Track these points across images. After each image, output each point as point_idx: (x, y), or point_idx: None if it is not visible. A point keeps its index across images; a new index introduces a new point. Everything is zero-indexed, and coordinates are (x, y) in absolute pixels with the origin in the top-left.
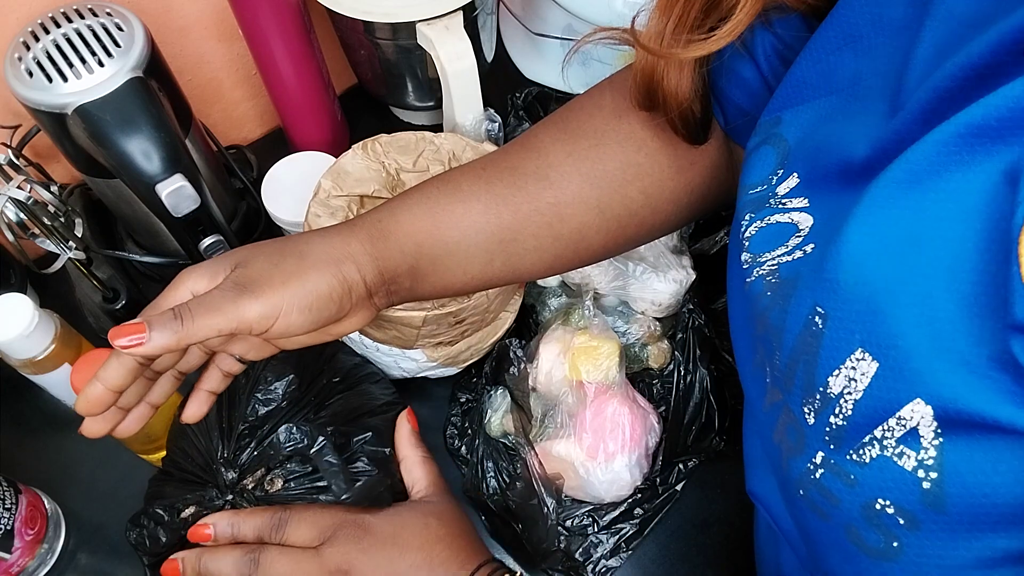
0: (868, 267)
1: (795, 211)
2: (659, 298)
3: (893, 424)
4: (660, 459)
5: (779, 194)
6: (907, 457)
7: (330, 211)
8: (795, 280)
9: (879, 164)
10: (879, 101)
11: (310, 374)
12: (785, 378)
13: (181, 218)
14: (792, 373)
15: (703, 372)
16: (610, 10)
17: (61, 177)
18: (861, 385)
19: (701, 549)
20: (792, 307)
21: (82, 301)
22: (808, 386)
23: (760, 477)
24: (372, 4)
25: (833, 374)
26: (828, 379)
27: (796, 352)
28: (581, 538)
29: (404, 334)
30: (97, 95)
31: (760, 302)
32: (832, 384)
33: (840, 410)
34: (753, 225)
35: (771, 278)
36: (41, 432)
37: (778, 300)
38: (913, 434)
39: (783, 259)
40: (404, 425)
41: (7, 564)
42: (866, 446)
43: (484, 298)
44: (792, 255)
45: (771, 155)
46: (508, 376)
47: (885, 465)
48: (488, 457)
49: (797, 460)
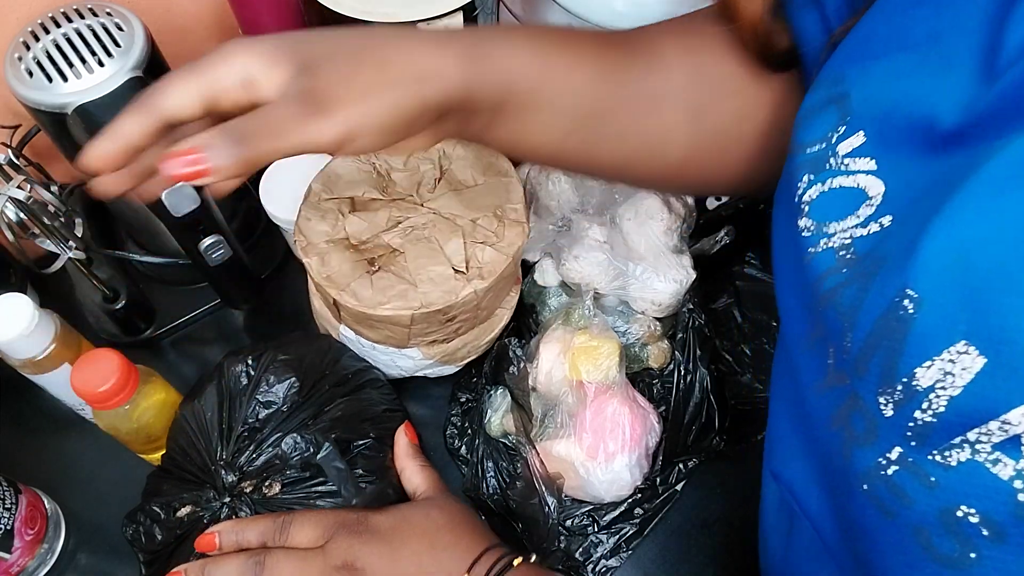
0: (981, 252)
1: (861, 174)
2: (659, 298)
3: (994, 428)
4: (660, 459)
5: (840, 153)
6: (1003, 465)
7: (320, 214)
8: (876, 257)
9: (974, 133)
10: (967, 60)
11: (312, 377)
12: (857, 363)
13: (181, 218)
14: (867, 359)
15: (703, 372)
16: (610, 10)
17: (61, 177)
18: (960, 381)
19: (701, 549)
20: (874, 287)
21: (82, 301)
22: (887, 375)
23: (787, 458)
24: (372, 4)
25: (923, 365)
26: (915, 370)
27: (874, 337)
28: (581, 538)
29: (396, 333)
30: (97, 95)
31: (830, 278)
32: (920, 376)
33: (929, 405)
34: (813, 188)
35: (845, 253)
36: (41, 432)
37: (855, 278)
38: (1015, 441)
39: (857, 232)
40: (402, 438)
41: (7, 564)
42: (955, 448)
43: (473, 295)
44: (867, 227)
45: (832, 111)
46: (508, 375)
47: (975, 471)
48: (488, 457)
49: (865, 452)
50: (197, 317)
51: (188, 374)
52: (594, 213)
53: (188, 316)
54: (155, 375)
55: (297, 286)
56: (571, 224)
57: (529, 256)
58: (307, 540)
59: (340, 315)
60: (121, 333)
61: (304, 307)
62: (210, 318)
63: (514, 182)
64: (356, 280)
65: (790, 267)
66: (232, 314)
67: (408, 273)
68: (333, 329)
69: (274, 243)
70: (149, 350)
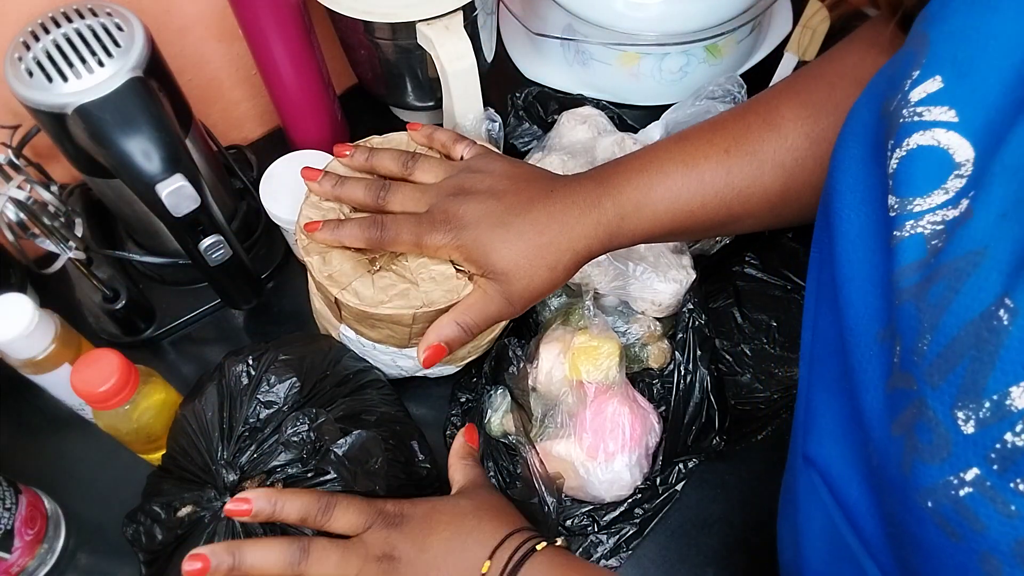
0: None
1: (941, 128)
2: (659, 298)
3: None
4: (660, 459)
5: (912, 101)
6: None
7: (321, 213)
8: (974, 251)
9: None
10: None
11: (313, 377)
12: (932, 369)
13: (181, 218)
14: (947, 367)
15: (703, 372)
16: (610, 10)
17: (61, 177)
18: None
19: (701, 549)
20: (967, 288)
21: (82, 301)
22: (971, 389)
23: (829, 445)
24: (372, 4)
25: (1019, 384)
26: (1011, 388)
27: (960, 344)
28: (581, 538)
29: (397, 332)
30: (97, 95)
31: (917, 272)
32: (1016, 396)
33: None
34: (895, 154)
35: (938, 242)
36: (41, 432)
37: (945, 273)
38: None
39: (948, 213)
40: (459, 438)
41: (7, 564)
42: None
43: None
44: (958, 206)
45: (907, 55)
46: (507, 375)
47: None
48: (488, 457)
49: (932, 468)
50: (197, 317)
51: (188, 374)
52: None
53: (188, 316)
54: (155, 375)
55: (297, 286)
56: None
57: None
58: (348, 526)
59: (341, 315)
60: (121, 333)
61: (304, 307)
62: (210, 318)
63: None
64: (357, 279)
65: (865, 249)
66: (232, 314)
67: (409, 272)
68: (333, 329)
69: (274, 243)
70: (149, 350)
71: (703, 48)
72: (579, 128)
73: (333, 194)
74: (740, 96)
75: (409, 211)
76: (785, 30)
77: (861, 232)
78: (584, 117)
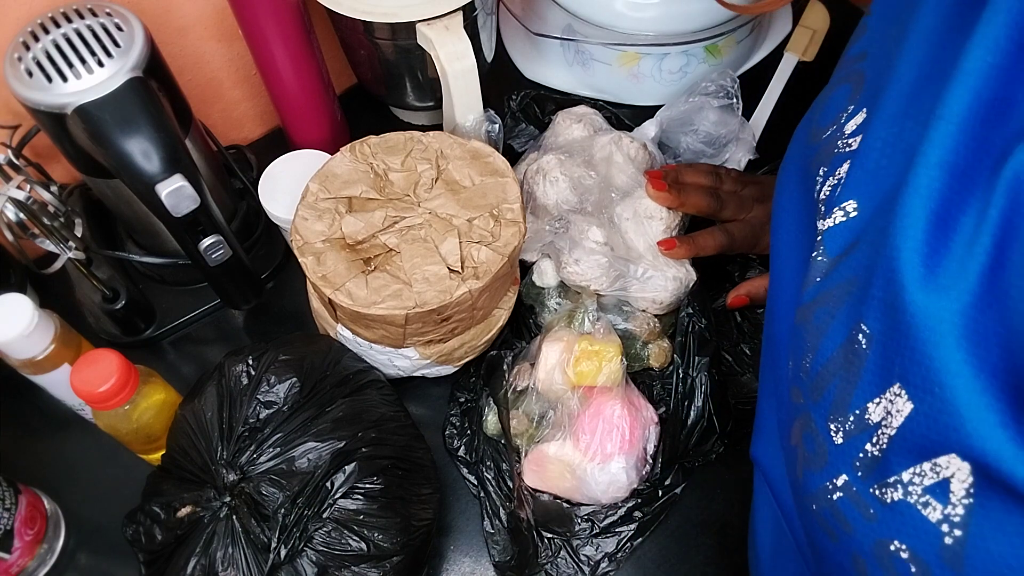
0: (915, 289)
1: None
2: (660, 296)
3: (926, 470)
4: (660, 461)
5: (846, 133)
6: (932, 509)
7: (317, 213)
8: (849, 279)
9: None
10: None
11: (313, 377)
12: (813, 387)
13: (181, 218)
14: (822, 385)
15: (703, 376)
16: (610, 10)
17: (61, 177)
18: (895, 422)
19: (700, 550)
20: (841, 314)
21: (82, 301)
22: (840, 405)
23: (766, 446)
24: (372, 4)
25: (874, 401)
26: (868, 405)
27: (832, 364)
28: (581, 540)
29: (391, 332)
30: (97, 95)
31: (811, 288)
32: (872, 411)
33: (878, 440)
34: (828, 184)
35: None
36: (41, 432)
37: (827, 299)
38: (943, 486)
39: (839, 239)
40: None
41: (7, 564)
42: (891, 487)
43: (468, 295)
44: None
45: (846, 91)
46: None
47: (908, 511)
48: (488, 457)
49: (815, 475)
50: (197, 317)
51: (188, 374)
52: (592, 213)
53: (188, 316)
54: (155, 375)
55: (297, 286)
56: (569, 224)
57: (527, 256)
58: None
59: (336, 315)
60: (121, 333)
61: (304, 307)
62: (210, 318)
63: (511, 182)
64: (351, 280)
65: (791, 264)
66: (232, 314)
67: (403, 273)
68: (331, 328)
69: (274, 243)
70: (149, 350)
71: (703, 48)
72: (574, 127)
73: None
74: (733, 91)
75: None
76: (785, 30)
77: (790, 249)
78: (579, 116)
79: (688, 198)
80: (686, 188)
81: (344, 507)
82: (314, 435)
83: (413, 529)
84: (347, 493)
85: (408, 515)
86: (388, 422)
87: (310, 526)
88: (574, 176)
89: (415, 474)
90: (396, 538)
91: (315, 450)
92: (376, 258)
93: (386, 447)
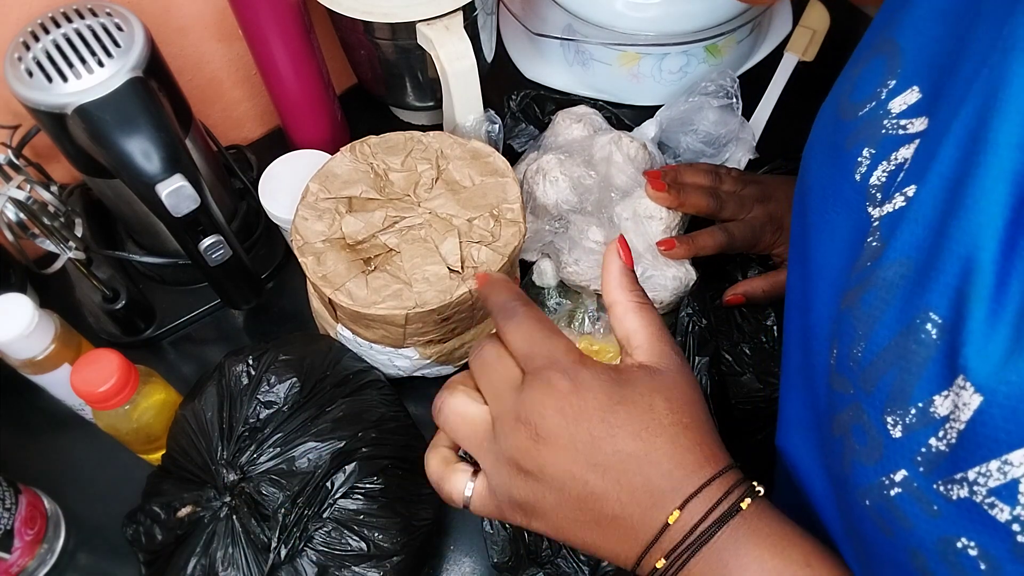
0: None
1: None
2: (660, 296)
3: (994, 469)
4: None
5: (893, 112)
6: (1000, 510)
7: (317, 213)
8: (908, 265)
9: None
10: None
11: (313, 377)
12: (864, 377)
13: (181, 218)
14: (875, 376)
15: (704, 376)
16: (610, 10)
17: (61, 177)
18: (964, 416)
19: None
20: (897, 300)
21: (82, 301)
22: (899, 397)
23: (796, 436)
24: (372, 4)
25: (942, 394)
26: (935, 398)
27: (888, 354)
28: None
29: (391, 332)
30: (97, 95)
31: (863, 275)
32: (939, 405)
33: (945, 435)
34: (881, 168)
35: (879, 244)
36: (41, 432)
37: (881, 283)
38: (1011, 488)
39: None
40: (613, 262)
41: (7, 564)
42: (957, 483)
43: (468, 295)
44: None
45: (880, 63)
46: None
47: (975, 509)
48: None
49: (867, 469)
50: (197, 317)
51: (188, 374)
52: (592, 213)
53: (188, 316)
54: (155, 375)
55: (297, 286)
56: (569, 224)
57: (527, 256)
58: (515, 343)
59: (336, 315)
60: (121, 333)
61: (304, 307)
62: (210, 318)
63: (511, 182)
64: (351, 280)
65: (837, 248)
66: (232, 314)
67: (403, 273)
68: (331, 328)
69: (274, 243)
70: (149, 350)
71: (703, 48)
72: (574, 127)
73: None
74: (733, 91)
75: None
76: (785, 30)
77: (826, 233)
78: (579, 116)
79: (688, 198)
80: (686, 188)
81: (344, 507)
82: (314, 435)
83: (413, 529)
84: (347, 493)
85: (408, 515)
86: (388, 422)
87: (310, 526)
88: (574, 176)
89: (415, 474)
90: (396, 538)
91: (315, 450)
92: (376, 258)
93: (386, 447)
